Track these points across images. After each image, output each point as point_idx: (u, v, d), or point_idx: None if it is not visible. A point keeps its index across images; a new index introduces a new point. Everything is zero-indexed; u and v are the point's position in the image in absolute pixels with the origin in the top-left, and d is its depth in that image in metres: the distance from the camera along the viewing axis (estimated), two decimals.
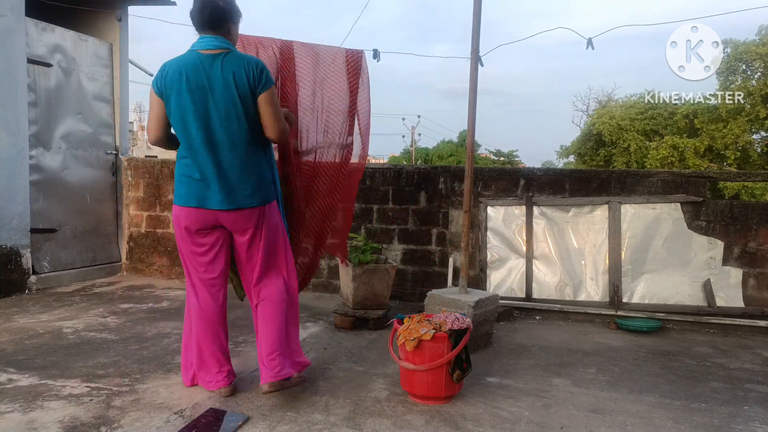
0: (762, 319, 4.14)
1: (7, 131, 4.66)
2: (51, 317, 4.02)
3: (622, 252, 4.43)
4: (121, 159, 5.91)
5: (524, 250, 4.62)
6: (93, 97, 5.63)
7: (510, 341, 3.76)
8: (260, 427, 2.31)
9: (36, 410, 2.42)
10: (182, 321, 2.81)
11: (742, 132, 18.23)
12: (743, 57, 18.17)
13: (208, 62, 2.43)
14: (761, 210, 4.28)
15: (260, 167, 2.56)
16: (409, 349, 2.57)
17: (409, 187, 4.96)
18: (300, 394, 2.67)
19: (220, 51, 2.45)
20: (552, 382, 2.97)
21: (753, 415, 2.60)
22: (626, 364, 3.32)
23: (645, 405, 2.68)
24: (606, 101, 27.81)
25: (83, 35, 5.52)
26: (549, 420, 2.47)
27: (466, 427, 2.38)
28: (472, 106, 3.61)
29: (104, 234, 5.80)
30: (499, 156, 41.44)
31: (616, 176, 4.60)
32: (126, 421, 2.33)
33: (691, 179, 4.40)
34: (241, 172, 2.48)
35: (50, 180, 5.18)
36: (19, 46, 4.76)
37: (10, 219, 4.70)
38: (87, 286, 5.22)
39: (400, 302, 4.84)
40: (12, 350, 3.23)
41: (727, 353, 3.64)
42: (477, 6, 3.51)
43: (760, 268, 4.23)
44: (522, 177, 4.75)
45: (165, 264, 5.76)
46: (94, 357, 3.15)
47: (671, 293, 4.33)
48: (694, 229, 4.34)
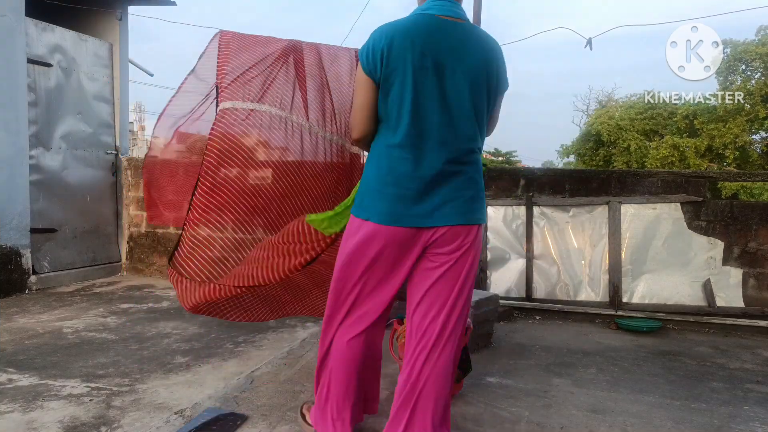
0: (762, 319, 4.14)
1: (7, 131, 4.66)
2: (51, 317, 4.02)
3: (622, 252, 4.43)
4: (121, 159, 5.91)
5: (524, 250, 4.62)
6: (93, 97, 5.63)
7: (510, 341, 3.76)
8: (260, 427, 2.31)
9: (36, 410, 2.42)
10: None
11: (741, 132, 18.23)
12: (743, 57, 18.18)
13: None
14: (761, 210, 4.28)
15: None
16: None
17: None
18: (300, 394, 2.67)
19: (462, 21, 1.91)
20: (552, 382, 2.97)
21: (753, 415, 2.60)
22: (626, 364, 3.32)
23: (645, 405, 2.68)
24: (606, 101, 27.82)
25: (83, 35, 5.52)
26: (549, 420, 2.47)
27: (466, 427, 2.38)
28: None
29: (104, 234, 5.80)
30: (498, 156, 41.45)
31: (616, 176, 4.60)
32: (126, 421, 2.33)
33: (691, 179, 4.40)
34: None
35: (50, 180, 5.18)
36: (19, 46, 4.76)
37: (10, 219, 4.70)
38: (87, 286, 5.22)
39: (400, 302, 4.83)
40: (12, 350, 3.23)
41: (727, 353, 3.64)
42: (477, 6, 3.51)
43: (760, 268, 4.23)
44: (522, 177, 4.75)
45: (165, 264, 5.76)
46: (94, 357, 3.15)
47: (671, 293, 4.33)
48: (694, 229, 4.34)
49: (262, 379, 2.85)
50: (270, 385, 2.77)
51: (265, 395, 2.64)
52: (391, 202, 1.86)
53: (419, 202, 1.86)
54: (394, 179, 1.87)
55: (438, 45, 1.83)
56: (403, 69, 1.81)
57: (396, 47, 1.80)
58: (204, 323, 3.91)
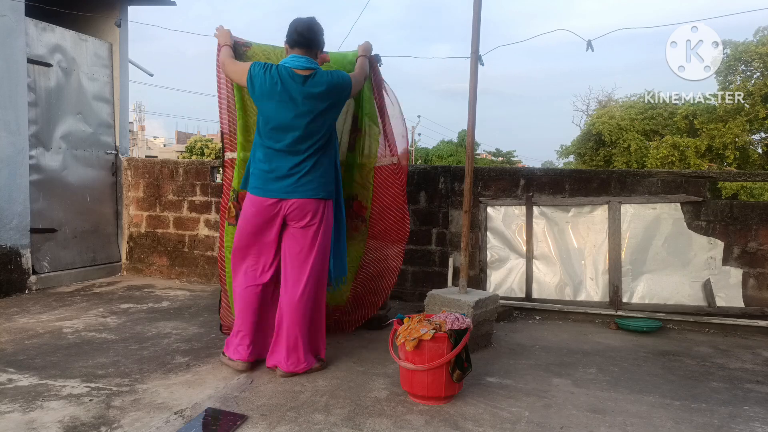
0: (762, 319, 4.14)
1: (7, 131, 4.66)
2: (51, 317, 4.02)
3: (622, 252, 4.43)
4: (121, 159, 5.91)
5: (524, 250, 4.62)
6: (93, 97, 5.64)
7: (510, 341, 3.76)
8: (260, 427, 2.31)
9: (36, 410, 2.42)
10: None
11: (741, 132, 18.24)
12: (742, 57, 18.19)
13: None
14: (761, 210, 4.28)
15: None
16: (409, 349, 2.57)
17: (409, 186, 4.93)
18: (300, 394, 2.67)
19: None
20: (552, 382, 2.97)
21: (753, 415, 2.60)
22: (626, 364, 3.32)
23: (645, 405, 2.68)
24: (606, 101, 27.85)
25: (83, 35, 5.52)
26: (549, 420, 2.47)
27: (466, 427, 2.38)
28: (472, 106, 3.60)
29: (104, 234, 5.80)
30: (498, 156, 41.50)
31: (616, 176, 4.60)
32: (126, 421, 2.34)
33: (691, 179, 4.40)
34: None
35: (50, 180, 5.18)
36: (19, 46, 4.76)
37: (10, 219, 4.70)
38: (87, 286, 5.22)
39: (400, 302, 4.84)
40: (12, 350, 3.23)
41: (727, 353, 3.64)
42: (477, 6, 3.51)
43: (760, 268, 4.23)
44: (522, 177, 4.75)
45: (165, 264, 5.76)
46: (94, 357, 3.15)
47: (671, 293, 4.33)
48: (694, 229, 4.34)
49: (262, 379, 2.85)
50: (270, 385, 2.77)
51: (265, 395, 2.64)
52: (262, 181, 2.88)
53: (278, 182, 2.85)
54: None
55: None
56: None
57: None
58: (204, 323, 3.91)
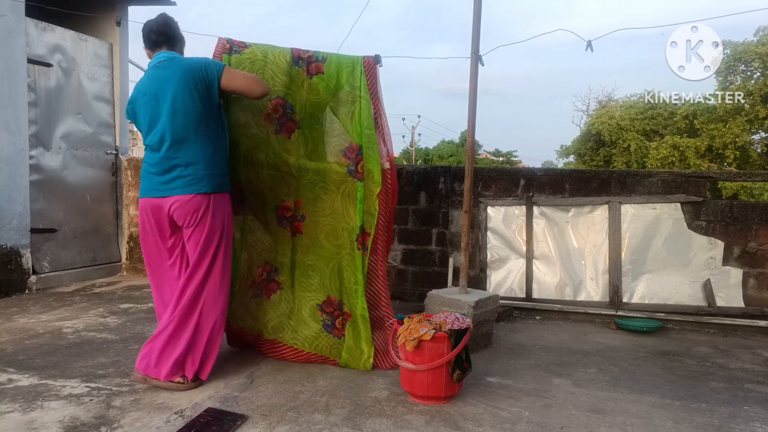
0: (762, 319, 4.14)
1: (7, 131, 4.66)
2: (51, 317, 4.02)
3: (622, 252, 4.43)
4: (121, 159, 5.91)
5: (524, 250, 4.62)
6: (93, 97, 5.64)
7: (510, 341, 3.76)
8: (260, 427, 2.31)
9: (36, 410, 2.42)
10: None
11: (741, 132, 18.25)
12: (742, 57, 18.20)
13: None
14: (761, 210, 4.28)
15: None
16: (409, 349, 2.57)
17: (409, 187, 4.96)
18: (300, 394, 2.67)
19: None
20: (552, 382, 2.97)
21: (753, 415, 2.60)
22: (626, 364, 3.32)
23: (645, 405, 2.68)
24: (606, 101, 27.85)
25: (83, 35, 5.52)
26: (549, 420, 2.47)
27: (466, 427, 2.38)
28: (473, 106, 3.60)
29: (104, 234, 5.80)
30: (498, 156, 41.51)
31: (616, 176, 4.60)
32: (126, 421, 2.34)
33: (691, 179, 4.40)
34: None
35: (50, 180, 5.18)
36: (19, 46, 4.76)
37: (10, 219, 4.70)
38: (87, 286, 5.22)
39: (400, 302, 4.84)
40: (12, 350, 3.23)
41: (727, 353, 3.64)
42: (477, 6, 3.51)
43: (760, 268, 4.23)
44: (522, 177, 4.75)
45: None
46: (94, 357, 3.15)
47: (671, 293, 4.33)
48: (694, 229, 4.34)
49: (262, 379, 2.85)
50: (270, 385, 2.77)
51: (265, 395, 2.64)
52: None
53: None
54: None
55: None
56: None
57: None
58: None
